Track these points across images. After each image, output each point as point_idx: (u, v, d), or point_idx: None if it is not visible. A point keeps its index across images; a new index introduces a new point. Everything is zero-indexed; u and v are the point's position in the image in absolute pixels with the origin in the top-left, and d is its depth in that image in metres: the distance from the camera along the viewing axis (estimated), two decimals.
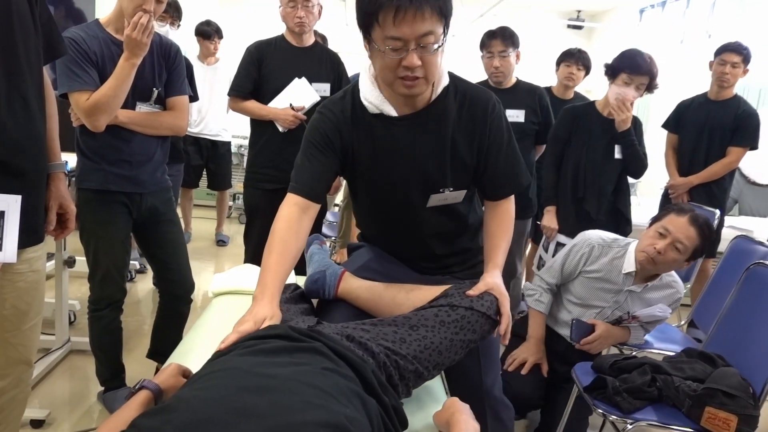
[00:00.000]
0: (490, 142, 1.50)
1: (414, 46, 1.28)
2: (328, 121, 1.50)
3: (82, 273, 2.71)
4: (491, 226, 1.58)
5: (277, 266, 1.39)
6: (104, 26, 2.04)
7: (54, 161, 1.49)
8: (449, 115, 1.47)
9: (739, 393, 1.70)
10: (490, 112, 1.49)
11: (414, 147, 1.48)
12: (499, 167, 1.54)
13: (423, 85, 1.36)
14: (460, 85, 1.50)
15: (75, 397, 2.44)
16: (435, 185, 1.52)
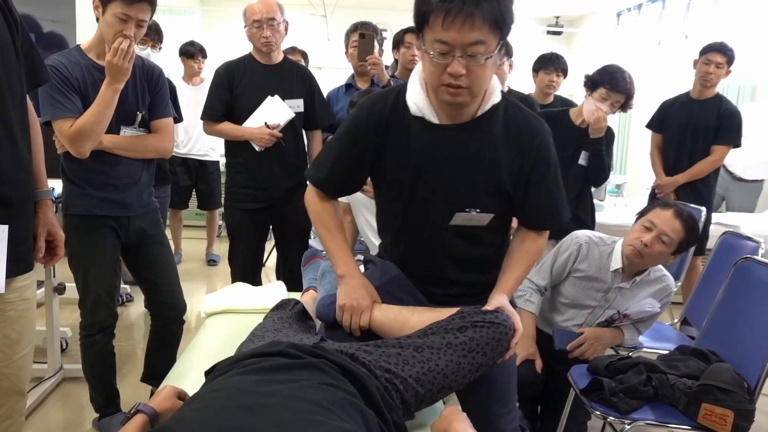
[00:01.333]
0: (531, 173, 1.44)
1: (460, 53, 1.23)
2: (365, 117, 1.45)
3: (73, 299, 2.69)
4: (515, 253, 1.53)
5: (340, 243, 1.54)
6: (86, 52, 2.04)
7: (41, 188, 1.49)
8: (493, 135, 1.41)
9: (733, 388, 1.71)
10: (538, 144, 1.43)
11: (448, 159, 1.42)
12: (540, 201, 1.48)
13: (467, 95, 1.30)
14: (511, 109, 1.43)
15: (69, 426, 2.41)
16: (462, 203, 1.44)
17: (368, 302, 1.45)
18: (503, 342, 1.31)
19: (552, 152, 1.47)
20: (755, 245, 2.38)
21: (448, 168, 1.42)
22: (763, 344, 1.78)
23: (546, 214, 1.51)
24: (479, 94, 1.33)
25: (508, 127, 1.41)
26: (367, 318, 1.44)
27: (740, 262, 2.05)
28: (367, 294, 1.47)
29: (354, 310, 1.44)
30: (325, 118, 2.95)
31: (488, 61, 1.25)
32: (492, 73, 1.31)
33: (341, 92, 3.10)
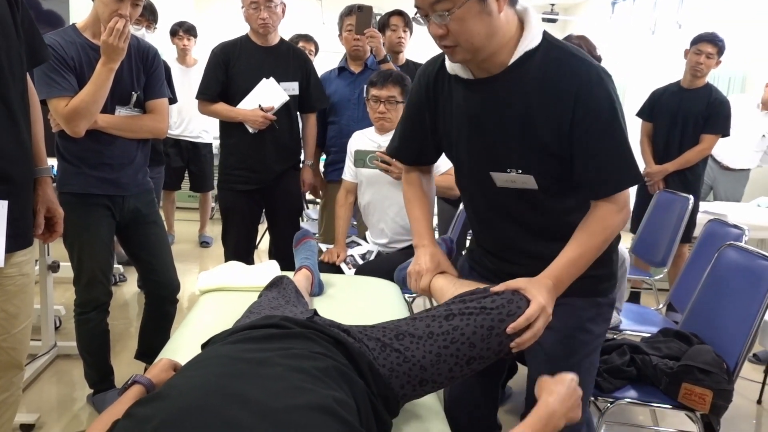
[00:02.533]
0: (574, 126, 1.25)
1: (431, 14, 1.19)
2: (418, 82, 1.45)
3: (66, 278, 2.71)
4: (577, 230, 1.32)
5: (421, 214, 1.56)
6: (81, 31, 2.05)
7: (40, 165, 1.51)
8: (526, 84, 1.26)
9: (713, 369, 1.76)
10: (576, 91, 1.23)
11: (481, 115, 1.33)
12: (589, 162, 1.27)
13: (465, 53, 1.23)
14: (554, 52, 1.26)
15: (63, 401, 2.45)
16: (499, 163, 1.34)
17: (429, 267, 1.47)
18: (497, 330, 1.16)
19: (603, 104, 1.24)
20: (739, 232, 2.43)
21: (481, 124, 1.34)
22: (742, 328, 1.83)
23: (597, 178, 1.28)
24: (479, 46, 1.22)
25: (546, 74, 1.25)
26: (426, 281, 1.46)
27: (723, 249, 2.10)
28: (430, 260, 1.48)
29: (416, 274, 1.48)
30: (321, 101, 2.96)
31: (462, 14, 1.17)
32: (481, 22, 1.19)
33: (333, 75, 3.11)
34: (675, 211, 3.13)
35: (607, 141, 1.26)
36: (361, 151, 2.63)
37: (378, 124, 2.62)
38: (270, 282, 1.68)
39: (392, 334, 1.22)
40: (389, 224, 2.65)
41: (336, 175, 3.07)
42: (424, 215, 1.57)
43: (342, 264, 2.62)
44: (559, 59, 1.26)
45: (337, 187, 2.98)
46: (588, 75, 1.24)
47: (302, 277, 1.89)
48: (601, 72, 1.25)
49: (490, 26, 1.20)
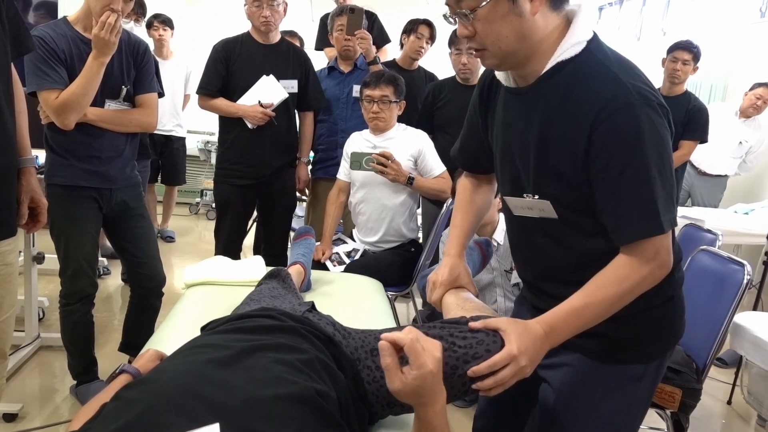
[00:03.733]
0: (593, 160, 1.07)
1: (458, 12, 1.09)
2: (478, 84, 1.34)
3: (50, 270, 2.72)
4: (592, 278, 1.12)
5: (462, 222, 1.45)
6: (72, 24, 2.06)
7: (24, 156, 1.53)
8: (548, 99, 1.11)
9: (683, 368, 1.83)
10: (599, 115, 1.04)
11: (508, 130, 1.22)
12: (608, 198, 1.08)
13: (493, 57, 1.12)
14: (589, 65, 1.09)
15: (46, 392, 2.46)
16: (518, 186, 1.21)
17: (444, 280, 1.37)
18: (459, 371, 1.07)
19: (626, 134, 1.03)
20: (713, 237, 2.51)
21: (507, 141, 1.23)
22: (712, 329, 1.89)
23: (614, 221, 1.09)
24: (508, 50, 1.09)
25: (571, 91, 1.09)
26: (438, 295, 1.38)
27: (697, 253, 2.17)
28: (448, 273, 1.38)
29: (432, 284, 1.41)
30: (319, 100, 3.01)
31: (485, 13, 1.06)
32: (509, 25, 1.06)
33: (323, 74, 3.15)
34: None
35: (626, 179, 1.05)
36: (357, 153, 2.67)
37: (372, 124, 2.66)
38: (269, 272, 1.71)
39: (369, 347, 1.21)
40: (379, 224, 2.69)
41: (323, 173, 3.11)
42: (463, 225, 1.45)
43: (327, 261, 2.66)
44: (589, 75, 1.08)
45: (325, 184, 3.03)
46: (614, 98, 1.04)
47: (294, 272, 1.92)
48: (634, 96, 1.04)
49: (521, 29, 1.07)
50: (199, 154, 5.90)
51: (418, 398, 0.92)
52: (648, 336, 1.22)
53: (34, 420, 2.24)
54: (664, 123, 1.07)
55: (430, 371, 0.89)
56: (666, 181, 1.06)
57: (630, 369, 1.22)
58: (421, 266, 2.70)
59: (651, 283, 1.10)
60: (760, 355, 2.15)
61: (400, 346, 0.90)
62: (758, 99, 4.21)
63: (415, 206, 2.83)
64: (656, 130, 1.04)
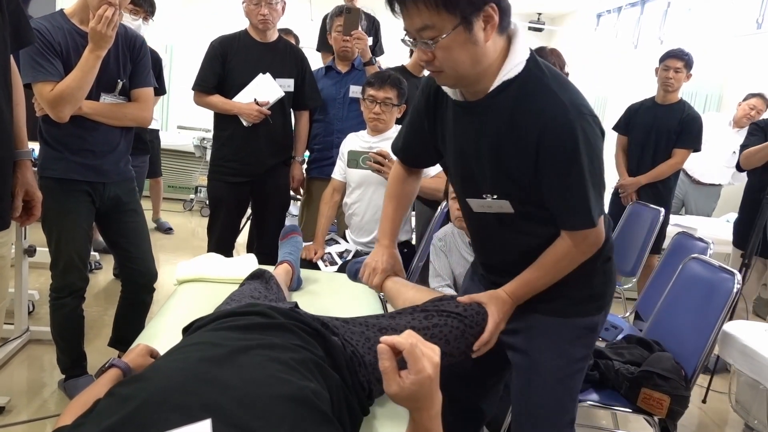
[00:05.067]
0: (539, 164, 1.26)
1: (418, 39, 1.20)
2: (422, 89, 1.47)
3: (41, 263, 2.71)
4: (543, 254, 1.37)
5: (394, 213, 1.64)
6: (69, 17, 2.06)
7: (20, 148, 1.52)
8: (498, 114, 1.27)
9: (672, 375, 1.84)
10: (544, 129, 1.22)
11: (462, 139, 1.36)
12: (551, 196, 1.30)
13: (450, 78, 1.25)
14: (531, 84, 1.25)
15: (34, 386, 2.45)
16: (476, 188, 1.37)
17: (385, 267, 1.59)
18: (467, 336, 1.32)
19: (565, 145, 1.22)
20: (705, 246, 2.52)
21: (461, 148, 1.37)
22: (701, 337, 1.91)
23: (558, 215, 1.32)
24: (464, 74, 1.22)
25: (518, 107, 1.25)
26: (380, 280, 1.58)
27: (688, 261, 2.18)
28: (387, 261, 1.59)
29: (372, 269, 1.59)
30: (315, 100, 3.01)
31: (447, 43, 1.17)
32: (466, 51, 1.19)
33: (320, 74, 3.15)
34: (646, 222, 3.22)
35: (565, 183, 1.26)
36: (354, 152, 2.67)
37: (372, 125, 2.66)
38: (252, 273, 1.71)
39: (375, 329, 1.31)
40: (373, 225, 2.69)
41: (318, 172, 3.11)
42: (396, 215, 1.65)
43: (319, 261, 2.65)
44: (532, 93, 1.24)
45: (319, 184, 3.02)
46: (554, 114, 1.21)
47: (282, 271, 1.92)
48: (571, 112, 1.21)
49: (476, 55, 1.20)
50: (194, 150, 5.89)
51: (414, 403, 0.92)
52: (596, 292, 1.47)
53: (21, 413, 2.22)
54: (596, 130, 1.26)
55: (428, 376, 0.89)
56: (597, 182, 1.28)
57: (585, 321, 1.47)
58: (414, 267, 2.70)
59: (584, 258, 1.36)
60: (748, 364, 2.16)
61: (399, 350, 0.90)
62: (752, 109, 4.24)
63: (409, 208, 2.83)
64: (588, 140, 1.23)
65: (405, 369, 0.91)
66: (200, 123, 5.71)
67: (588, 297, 1.46)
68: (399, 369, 0.91)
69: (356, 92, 2.95)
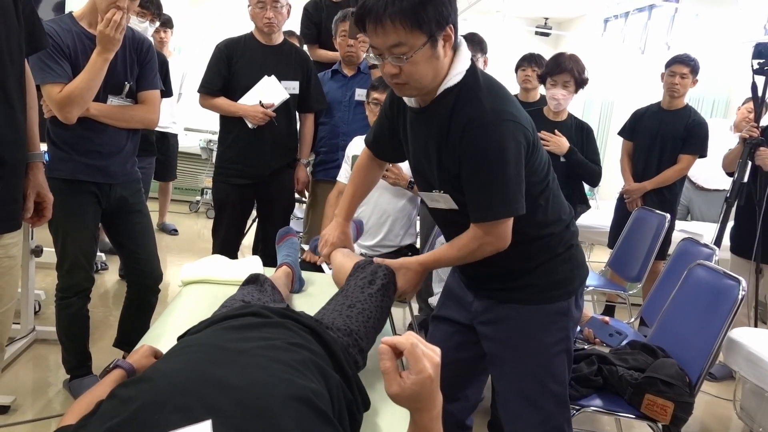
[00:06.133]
0: (462, 163, 1.40)
1: (387, 55, 1.31)
2: (388, 96, 1.61)
3: (48, 263, 2.72)
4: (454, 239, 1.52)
5: (353, 197, 1.79)
6: (78, 20, 2.08)
7: (33, 150, 1.54)
8: (439, 118, 1.42)
9: (676, 382, 1.83)
10: (468, 130, 1.36)
11: (415, 140, 1.52)
12: (470, 194, 1.43)
13: (412, 90, 1.38)
14: (466, 93, 1.40)
15: (39, 385, 2.46)
16: (427, 183, 1.53)
17: (335, 241, 1.75)
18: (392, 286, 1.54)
19: (488, 146, 1.36)
20: (710, 252, 2.51)
21: (414, 148, 1.53)
22: (706, 343, 1.90)
23: (470, 206, 1.44)
24: (426, 85, 1.37)
25: (454, 112, 1.40)
26: (328, 251, 1.75)
27: (693, 267, 2.17)
28: (339, 235, 1.76)
29: (324, 240, 1.77)
30: (320, 102, 3.03)
31: (416, 58, 1.30)
32: (430, 65, 1.33)
33: (326, 77, 3.16)
34: (651, 228, 3.21)
35: (476, 179, 1.39)
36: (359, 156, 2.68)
37: None
38: (246, 279, 1.71)
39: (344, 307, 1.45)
40: (378, 228, 2.70)
41: (324, 175, 3.12)
42: (355, 198, 1.80)
43: (323, 264, 2.66)
44: (466, 101, 1.38)
45: (325, 186, 3.03)
46: (480, 119, 1.36)
47: (283, 274, 1.93)
48: (489, 116, 1.36)
49: (436, 68, 1.35)
50: (200, 152, 5.91)
51: (415, 403, 0.93)
52: (562, 278, 1.55)
53: (26, 413, 2.24)
54: (514, 135, 1.37)
55: (429, 376, 0.89)
56: (501, 183, 1.37)
57: (554, 306, 1.54)
58: None
59: (489, 250, 1.45)
60: (753, 371, 2.15)
61: (400, 350, 0.90)
62: (750, 113, 4.20)
63: (414, 212, 2.84)
64: (501, 144, 1.36)
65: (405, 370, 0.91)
66: (207, 125, 5.74)
67: (553, 283, 1.55)
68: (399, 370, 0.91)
69: (362, 95, 2.96)
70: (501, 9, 8.09)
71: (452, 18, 1.33)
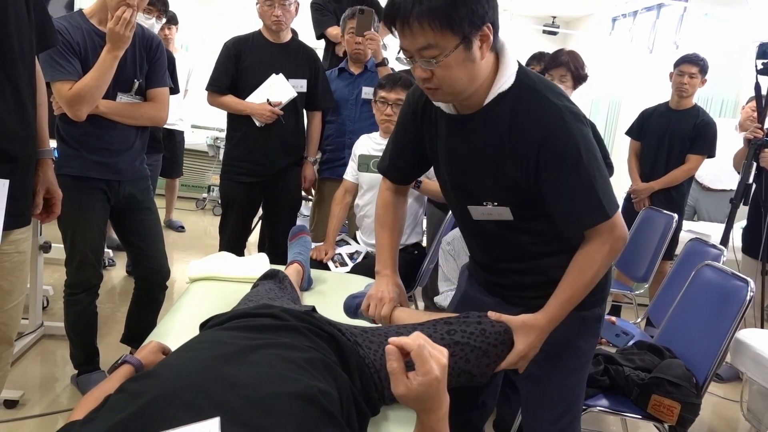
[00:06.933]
0: (541, 169, 1.29)
1: (418, 58, 1.22)
2: (408, 104, 1.50)
3: (56, 259, 2.74)
4: (569, 268, 1.37)
5: (391, 242, 1.61)
6: (88, 17, 2.09)
7: (43, 147, 1.55)
8: (497, 125, 1.31)
9: (683, 382, 1.83)
10: (545, 136, 1.27)
11: (457, 150, 1.40)
12: (559, 199, 1.31)
13: (446, 95, 1.29)
14: (524, 93, 1.30)
15: (47, 380, 2.48)
16: (475, 197, 1.40)
17: (393, 297, 1.52)
18: (490, 354, 1.32)
19: (568, 149, 1.27)
20: (718, 252, 2.50)
21: (457, 159, 1.41)
22: (713, 344, 1.89)
23: (567, 217, 1.32)
24: (461, 90, 1.27)
25: (515, 116, 1.30)
26: (389, 310, 1.49)
27: (701, 268, 2.16)
28: (393, 290, 1.54)
29: (379, 300, 1.51)
30: (327, 100, 3.03)
31: (448, 62, 1.20)
32: (464, 69, 1.23)
33: (333, 75, 3.16)
34: (659, 228, 3.20)
35: (571, 184, 1.29)
36: (365, 156, 2.68)
37: (384, 127, 2.67)
38: (266, 273, 1.72)
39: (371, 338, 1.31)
40: None
41: (330, 173, 3.12)
42: (392, 243, 1.62)
43: (329, 262, 2.66)
44: (528, 102, 1.29)
45: (331, 184, 3.04)
46: (553, 120, 1.27)
47: (293, 271, 1.94)
48: (567, 115, 1.28)
49: (472, 72, 1.25)
50: (207, 149, 5.93)
51: (422, 404, 0.93)
52: (598, 284, 1.45)
53: (34, 408, 2.25)
54: (587, 129, 1.31)
55: (436, 378, 0.89)
56: (601, 178, 1.30)
57: (590, 313, 1.50)
58: (425, 270, 2.71)
59: (615, 255, 1.36)
60: (760, 372, 2.15)
61: (407, 351, 0.90)
62: (754, 111, 4.18)
63: (421, 211, 2.84)
64: (586, 138, 1.29)
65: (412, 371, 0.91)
66: (214, 122, 5.75)
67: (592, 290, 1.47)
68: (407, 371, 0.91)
69: (369, 94, 2.96)
70: (508, 8, 8.07)
71: (489, 16, 1.22)
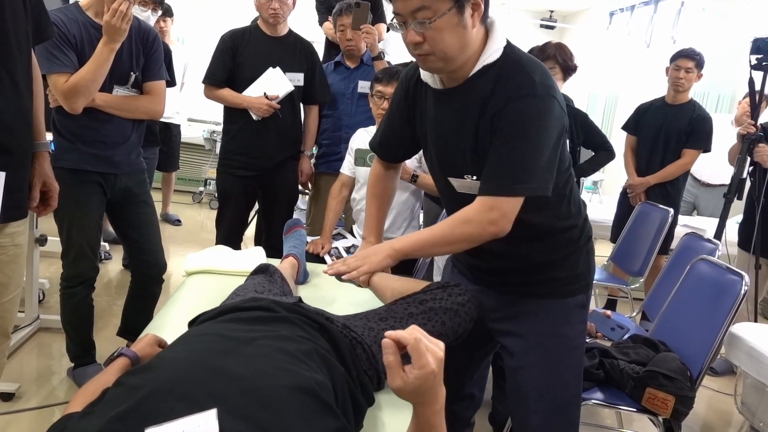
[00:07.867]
0: (496, 130, 1.30)
1: (411, 21, 1.25)
2: (401, 84, 1.53)
3: (52, 252, 2.73)
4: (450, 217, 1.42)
5: (378, 212, 1.71)
6: (84, 9, 2.07)
7: (39, 140, 1.54)
8: (478, 95, 1.32)
9: (677, 376, 1.84)
10: (510, 97, 1.27)
11: (442, 123, 1.42)
12: (490, 156, 1.31)
13: (438, 62, 1.29)
14: (507, 65, 1.31)
15: (43, 373, 2.48)
16: (457, 169, 1.42)
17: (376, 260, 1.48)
18: (461, 314, 1.39)
19: (525, 115, 1.27)
20: (713, 247, 2.51)
21: (442, 133, 1.43)
22: (707, 338, 1.91)
23: (487, 174, 1.32)
24: (451, 57, 1.28)
25: (497, 86, 1.31)
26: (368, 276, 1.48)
27: (696, 262, 2.17)
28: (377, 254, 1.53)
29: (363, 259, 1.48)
30: (324, 94, 3.02)
31: (441, 24, 1.23)
32: (456, 34, 1.25)
33: (329, 69, 3.15)
34: (654, 223, 3.21)
35: (512, 146, 1.28)
36: (362, 150, 2.67)
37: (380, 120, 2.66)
38: (257, 268, 1.72)
39: (376, 318, 1.37)
40: None
41: (326, 167, 3.12)
42: (381, 213, 1.73)
43: (326, 255, 2.66)
44: (513, 74, 1.30)
45: (328, 178, 3.03)
46: (530, 89, 1.27)
47: (288, 265, 1.94)
48: (545, 93, 1.27)
49: (464, 39, 1.27)
50: (204, 143, 5.92)
51: (418, 397, 0.93)
52: (582, 271, 1.52)
53: (30, 400, 2.26)
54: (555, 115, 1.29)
55: (432, 371, 0.90)
56: (540, 156, 1.27)
57: (576, 299, 1.52)
58: (421, 264, 2.71)
59: (479, 234, 1.33)
60: (754, 366, 2.16)
61: (404, 344, 0.91)
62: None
63: (418, 205, 2.84)
64: (545, 118, 1.28)
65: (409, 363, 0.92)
66: (210, 116, 5.74)
67: (574, 276, 1.52)
68: (403, 364, 0.92)
69: (365, 87, 2.95)
70: (506, 2, 8.06)
71: None
